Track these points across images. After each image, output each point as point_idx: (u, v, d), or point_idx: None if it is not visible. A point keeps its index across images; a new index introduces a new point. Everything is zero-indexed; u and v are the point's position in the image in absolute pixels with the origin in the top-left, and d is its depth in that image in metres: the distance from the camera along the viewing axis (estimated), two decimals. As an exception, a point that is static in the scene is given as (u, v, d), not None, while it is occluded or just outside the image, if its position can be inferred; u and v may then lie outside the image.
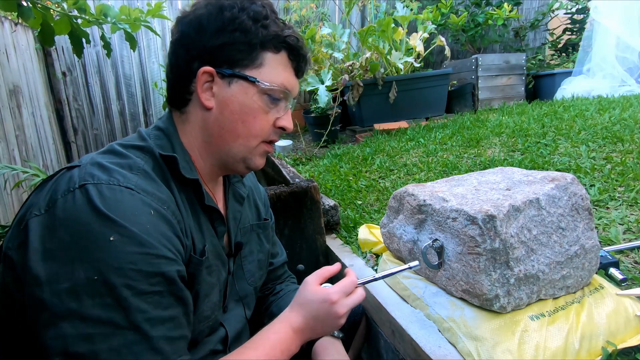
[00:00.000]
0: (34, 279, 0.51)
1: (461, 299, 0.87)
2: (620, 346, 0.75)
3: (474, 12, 4.25)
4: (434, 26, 3.58)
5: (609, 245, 1.07)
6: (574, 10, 4.54)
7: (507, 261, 0.77)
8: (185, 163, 0.68)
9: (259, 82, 0.67)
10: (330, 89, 3.03)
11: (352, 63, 3.28)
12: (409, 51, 3.45)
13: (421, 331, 0.88)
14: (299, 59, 0.72)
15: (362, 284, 0.81)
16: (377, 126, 3.20)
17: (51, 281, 0.51)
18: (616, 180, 1.42)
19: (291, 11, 4.20)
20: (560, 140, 2.01)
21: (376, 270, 1.20)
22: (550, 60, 4.67)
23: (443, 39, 3.50)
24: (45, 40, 1.60)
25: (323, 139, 3.13)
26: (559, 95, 3.67)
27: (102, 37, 1.91)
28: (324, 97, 2.91)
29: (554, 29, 4.65)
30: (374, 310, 1.07)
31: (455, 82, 3.92)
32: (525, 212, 0.80)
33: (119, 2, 3.74)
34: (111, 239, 0.52)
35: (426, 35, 3.43)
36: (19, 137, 2.77)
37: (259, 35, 0.67)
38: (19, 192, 2.55)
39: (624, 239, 1.08)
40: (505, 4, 3.94)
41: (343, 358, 0.84)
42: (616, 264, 0.93)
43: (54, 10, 1.63)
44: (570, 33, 4.64)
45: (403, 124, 3.22)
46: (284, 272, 1.05)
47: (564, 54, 4.67)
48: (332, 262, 1.43)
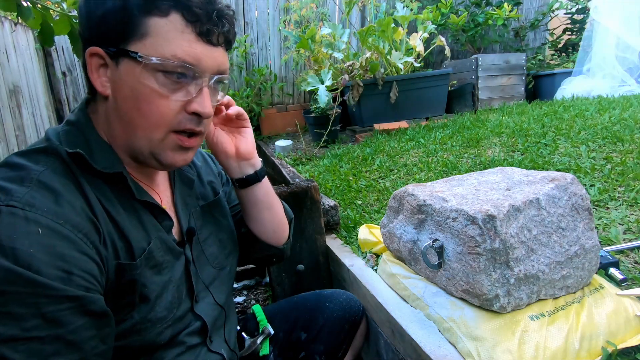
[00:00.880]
0: None
1: (461, 299, 0.87)
2: (620, 346, 0.75)
3: (474, 12, 4.25)
4: (434, 26, 3.59)
5: (609, 245, 1.07)
6: (574, 10, 4.54)
7: (507, 261, 0.77)
8: (104, 156, 0.59)
9: (142, 57, 0.55)
10: (330, 89, 3.03)
11: (352, 63, 3.28)
12: (409, 51, 3.45)
13: (421, 331, 0.88)
14: (200, 19, 0.56)
15: None
16: (377, 126, 3.20)
17: None
18: (616, 180, 1.42)
19: (291, 11, 4.20)
20: (560, 140, 2.01)
21: (376, 270, 1.20)
22: (550, 60, 4.68)
23: (443, 39, 3.50)
24: (45, 40, 1.60)
25: (323, 139, 3.13)
26: (559, 95, 3.67)
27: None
28: (324, 97, 2.91)
29: (554, 29, 4.65)
30: (374, 310, 1.07)
31: (455, 82, 3.92)
32: (525, 212, 0.80)
33: (119, 2, 3.74)
34: None
35: (426, 35, 3.43)
36: (19, 137, 2.77)
37: None
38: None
39: (624, 239, 1.08)
40: (505, 4, 3.94)
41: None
42: (616, 264, 0.93)
43: (53, 10, 1.63)
44: (570, 33, 4.64)
45: (403, 124, 3.22)
46: None
47: (564, 54, 4.67)
48: (332, 262, 1.43)
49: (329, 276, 1.46)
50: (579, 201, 0.86)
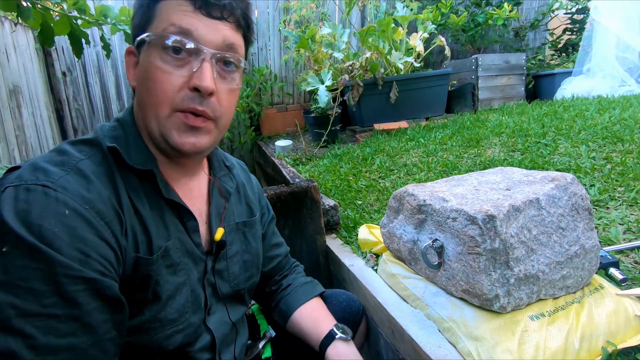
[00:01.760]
0: None
1: (461, 299, 0.87)
2: (620, 346, 0.75)
3: (474, 12, 4.25)
4: (434, 26, 3.58)
5: (609, 245, 1.07)
6: (574, 10, 4.54)
7: (507, 261, 0.77)
8: (139, 153, 0.63)
9: (148, 36, 0.59)
10: (330, 89, 3.03)
11: (352, 63, 3.28)
12: (409, 51, 3.45)
13: (421, 331, 0.88)
14: None
15: None
16: (377, 126, 3.20)
17: None
18: (616, 180, 1.42)
19: (291, 11, 4.20)
20: (560, 140, 2.01)
21: (376, 270, 1.20)
22: (550, 60, 4.68)
23: (443, 39, 3.50)
24: (45, 40, 1.60)
25: (323, 139, 3.13)
26: (559, 95, 3.67)
27: (102, 38, 1.91)
28: (324, 97, 2.91)
29: (554, 29, 4.65)
30: (374, 310, 1.07)
31: (455, 82, 3.92)
32: (525, 212, 0.80)
33: (118, 2, 3.74)
34: (4, 250, 0.47)
35: (426, 35, 3.43)
36: (19, 137, 2.77)
37: None
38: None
39: (624, 239, 1.08)
40: (505, 4, 3.94)
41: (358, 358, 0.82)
42: (616, 264, 0.93)
43: (53, 10, 1.63)
44: (570, 33, 4.64)
45: (403, 124, 3.22)
46: (287, 262, 0.99)
47: (564, 54, 4.67)
48: (332, 262, 1.43)
49: (329, 276, 1.46)
50: (579, 201, 0.86)
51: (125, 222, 0.58)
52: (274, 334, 0.94)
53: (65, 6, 1.67)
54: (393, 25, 3.14)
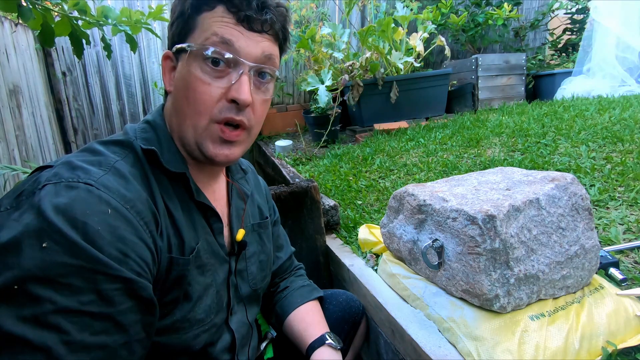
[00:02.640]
0: None
1: (461, 299, 0.87)
2: (620, 346, 0.75)
3: (474, 12, 4.25)
4: (434, 26, 3.59)
5: (609, 245, 1.07)
6: (574, 10, 4.54)
7: (507, 261, 0.77)
8: (172, 156, 0.64)
9: (190, 46, 0.61)
10: (330, 89, 3.03)
11: (352, 63, 3.28)
12: (409, 51, 3.45)
13: (421, 331, 0.88)
14: (240, 7, 0.61)
15: None
16: (377, 126, 3.20)
17: None
18: (616, 180, 1.42)
19: (291, 11, 4.20)
20: (560, 140, 2.01)
21: (376, 270, 1.20)
22: (550, 60, 4.67)
23: (443, 39, 3.50)
24: (45, 41, 1.60)
25: (323, 139, 3.13)
26: (559, 95, 3.67)
27: (103, 39, 1.91)
28: (324, 97, 2.91)
29: (554, 29, 4.65)
30: (374, 310, 1.07)
31: (455, 82, 3.92)
32: (525, 212, 0.80)
33: (119, 3, 3.74)
34: (44, 245, 0.46)
35: (426, 35, 3.43)
36: (19, 137, 2.77)
37: None
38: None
39: (624, 239, 1.08)
40: (505, 4, 3.94)
41: None
42: (616, 264, 0.93)
43: (54, 11, 1.63)
44: (570, 33, 4.64)
45: (403, 124, 3.22)
46: (290, 264, 1.01)
47: (564, 54, 4.67)
48: (332, 262, 1.43)
49: (329, 276, 1.46)
50: (579, 201, 0.86)
51: (161, 223, 0.59)
52: (275, 334, 0.94)
53: (66, 7, 1.67)
54: (393, 25, 3.14)
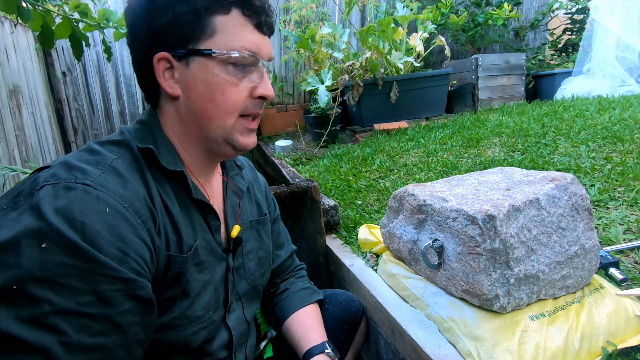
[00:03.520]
0: None
1: (461, 299, 0.87)
2: (620, 346, 0.75)
3: (474, 12, 4.25)
4: (434, 26, 3.59)
5: (609, 245, 1.07)
6: (574, 10, 4.54)
7: (507, 261, 0.77)
8: (169, 155, 0.64)
9: (215, 53, 0.60)
10: (330, 89, 3.03)
11: (352, 63, 3.28)
12: (409, 51, 3.45)
13: (421, 331, 0.88)
14: (256, 12, 0.63)
15: None
16: (377, 126, 3.20)
17: None
18: (616, 180, 1.42)
19: (291, 11, 4.20)
20: (560, 140, 2.01)
21: (376, 270, 1.20)
22: (550, 60, 4.67)
23: (443, 39, 3.50)
24: (44, 42, 1.60)
25: (323, 139, 3.13)
26: (559, 95, 3.67)
27: (104, 42, 1.91)
28: (324, 97, 2.91)
29: (554, 29, 4.65)
30: (374, 310, 1.07)
31: (455, 82, 3.92)
32: (525, 212, 0.80)
33: (119, 3, 3.74)
34: (43, 245, 0.46)
35: (426, 35, 3.43)
36: (19, 137, 2.77)
37: None
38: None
39: (624, 239, 1.08)
40: (505, 4, 3.94)
41: None
42: (616, 264, 0.93)
43: (55, 12, 1.63)
44: (570, 33, 4.64)
45: (403, 124, 3.22)
46: (291, 264, 1.00)
47: (564, 54, 4.67)
48: (332, 262, 1.43)
49: (329, 276, 1.46)
50: (579, 201, 0.86)
51: (158, 221, 0.59)
52: (274, 334, 0.94)
53: (67, 9, 1.67)
54: (393, 25, 3.14)
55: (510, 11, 3.93)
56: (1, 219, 0.49)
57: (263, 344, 0.91)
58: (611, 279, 0.91)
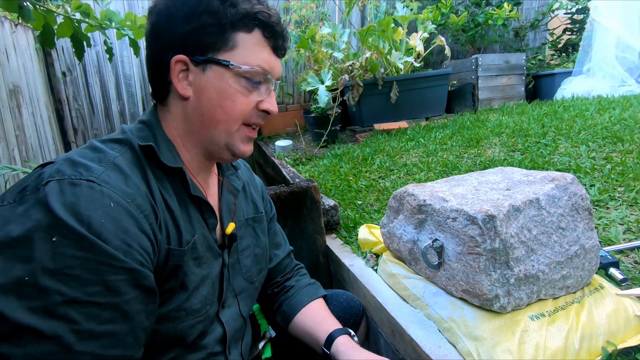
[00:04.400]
0: None
1: (461, 299, 0.87)
2: (620, 346, 0.76)
3: (474, 12, 4.25)
4: (434, 26, 3.58)
5: (609, 245, 1.07)
6: (574, 10, 4.54)
7: (507, 261, 0.77)
8: (169, 152, 0.67)
9: (233, 65, 0.65)
10: (330, 89, 3.03)
11: (352, 63, 3.28)
12: (409, 51, 3.45)
13: (421, 331, 0.88)
14: (275, 36, 0.69)
15: None
16: (377, 126, 3.20)
17: None
18: (616, 180, 1.42)
19: (291, 11, 4.20)
20: (560, 140, 2.01)
21: (376, 270, 1.20)
22: (550, 60, 4.68)
23: (443, 39, 3.50)
24: (45, 42, 1.60)
25: (323, 139, 3.13)
26: (559, 95, 3.67)
27: (105, 43, 1.92)
28: (324, 97, 2.91)
29: (554, 29, 4.65)
30: (374, 310, 1.07)
31: (455, 82, 3.92)
32: (525, 212, 0.80)
33: (119, 4, 3.74)
34: (53, 239, 0.49)
35: (426, 35, 3.43)
36: (19, 137, 2.77)
37: (228, 15, 0.64)
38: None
39: (624, 239, 1.08)
40: (505, 4, 3.94)
41: (370, 356, 0.80)
42: (616, 264, 0.93)
43: (56, 12, 1.63)
44: (570, 33, 4.64)
45: (403, 124, 3.22)
46: (290, 263, 1.01)
47: (564, 54, 4.67)
48: (332, 262, 1.43)
49: (329, 276, 1.46)
50: (579, 201, 0.86)
51: (159, 216, 0.62)
52: (274, 334, 0.94)
53: (69, 9, 1.67)
54: (393, 25, 3.14)
55: (510, 11, 3.93)
56: (9, 213, 0.51)
57: (262, 344, 0.91)
58: (611, 279, 0.91)
